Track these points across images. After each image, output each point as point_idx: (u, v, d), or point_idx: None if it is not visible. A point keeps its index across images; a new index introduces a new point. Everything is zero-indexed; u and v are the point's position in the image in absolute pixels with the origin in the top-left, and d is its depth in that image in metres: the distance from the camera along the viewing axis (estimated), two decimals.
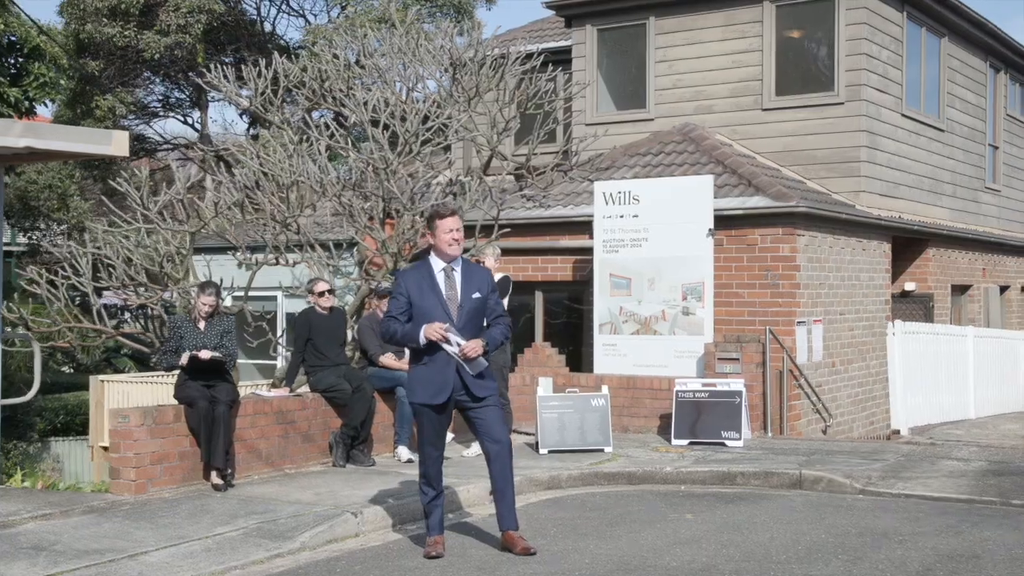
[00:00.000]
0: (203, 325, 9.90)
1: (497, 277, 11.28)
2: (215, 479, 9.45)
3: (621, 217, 13.37)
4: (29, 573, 6.74)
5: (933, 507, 8.81)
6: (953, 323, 17.92)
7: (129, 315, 24.63)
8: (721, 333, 13.20)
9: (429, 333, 6.99)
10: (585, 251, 14.60)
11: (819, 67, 15.99)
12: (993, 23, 19.31)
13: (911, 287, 17.00)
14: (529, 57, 15.45)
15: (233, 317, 10.51)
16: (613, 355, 13.44)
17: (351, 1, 30.34)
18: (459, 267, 7.16)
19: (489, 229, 13.87)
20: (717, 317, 13.20)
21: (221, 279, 12.44)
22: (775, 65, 16.01)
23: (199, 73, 29.22)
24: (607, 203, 13.46)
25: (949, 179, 18.66)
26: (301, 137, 14.10)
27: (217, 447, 9.44)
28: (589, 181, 15.52)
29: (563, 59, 17.79)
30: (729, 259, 13.58)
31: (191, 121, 34.20)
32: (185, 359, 9.58)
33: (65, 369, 28.96)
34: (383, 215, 13.59)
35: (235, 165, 15.22)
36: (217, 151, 17.46)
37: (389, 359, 11.27)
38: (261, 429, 10.24)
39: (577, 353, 15.23)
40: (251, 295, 14.16)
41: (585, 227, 14.65)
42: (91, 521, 8.25)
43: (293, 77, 15.40)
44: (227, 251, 17.78)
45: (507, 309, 10.82)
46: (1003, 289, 21.03)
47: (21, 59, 17.94)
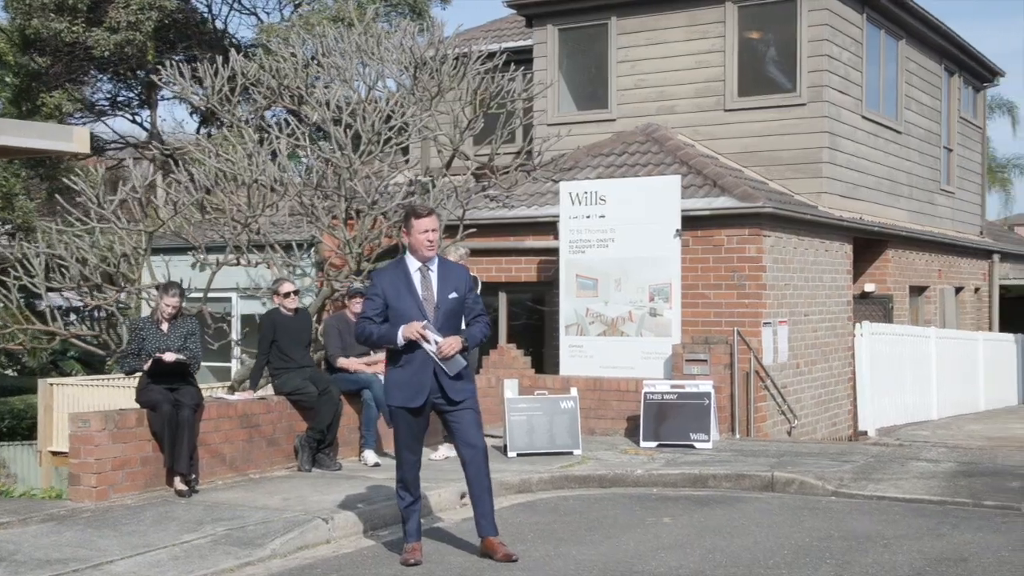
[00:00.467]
0: (166, 327, 9.63)
1: None
2: (179, 485, 9.19)
3: (587, 217, 13.26)
4: None
5: (908, 509, 8.77)
6: (911, 324, 18.03)
7: (76, 317, 24.17)
8: (687, 334, 13.14)
9: (407, 333, 6.82)
10: (550, 252, 14.49)
11: (781, 68, 16.00)
12: (948, 26, 19.49)
13: (871, 288, 17.08)
14: (492, 56, 15.33)
15: (195, 319, 10.23)
16: (579, 356, 13.32)
17: (305, 0, 30.04)
18: (435, 267, 7.00)
19: (454, 229, 13.70)
20: (683, 318, 13.13)
21: (181, 279, 12.14)
22: (738, 66, 16.00)
23: (153, 70, 28.84)
24: (573, 203, 13.34)
25: (906, 181, 18.79)
26: (261, 136, 13.86)
27: (181, 452, 9.19)
28: (553, 181, 15.41)
29: (523, 59, 17.68)
30: (695, 260, 13.52)
31: (140, 120, 33.70)
32: (148, 364, 9.31)
33: (9, 372, 28.36)
34: (345, 215, 13.38)
35: (190, 164, 14.91)
36: (174, 150, 17.11)
37: (347, 362, 11.06)
38: (225, 433, 10.00)
39: (539, 355, 15.10)
40: (196, 297, 13.86)
41: (550, 227, 14.53)
42: (51, 529, 7.98)
43: (251, 75, 15.16)
44: (182, 251, 17.48)
45: None
46: (958, 290, 21.22)
47: None
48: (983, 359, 18.77)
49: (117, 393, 17.05)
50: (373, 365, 10.95)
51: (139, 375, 9.59)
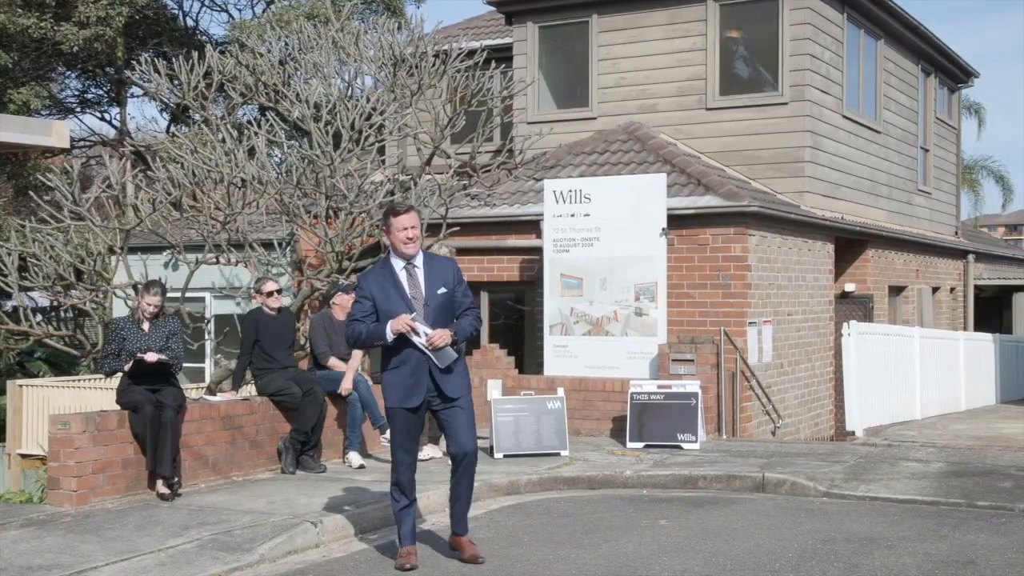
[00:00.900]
0: (147, 327, 9.42)
1: None
2: (161, 488, 8.98)
3: (572, 216, 13.13)
4: None
5: (903, 510, 8.70)
6: (889, 324, 18.01)
7: (42, 317, 23.75)
8: (672, 334, 13.03)
9: (396, 326, 6.70)
10: (532, 251, 14.35)
11: (763, 67, 15.93)
12: (926, 26, 19.51)
13: (851, 288, 17.04)
14: (472, 54, 15.17)
15: (177, 318, 10.01)
16: (564, 356, 13.18)
17: None
18: (421, 263, 6.89)
19: (437, 228, 13.54)
20: (668, 318, 13.01)
21: (160, 278, 11.89)
22: (719, 65, 15.92)
23: (123, 67, 28.45)
24: (558, 202, 13.20)
25: (886, 181, 18.80)
26: (240, 132, 13.63)
27: (164, 454, 8.98)
28: (535, 180, 15.27)
29: (502, 57, 17.52)
30: (680, 259, 13.41)
31: (109, 118, 33.24)
32: (129, 365, 9.09)
33: None
34: (326, 213, 13.17)
35: (166, 162, 14.65)
36: (148, 147, 16.82)
37: (337, 361, 10.89)
38: (208, 435, 9.79)
39: (519, 355, 14.94)
40: (173, 297, 13.59)
41: (532, 226, 14.39)
42: (31, 535, 7.75)
43: (228, 71, 14.92)
44: (156, 250, 17.21)
45: None
46: (934, 290, 21.27)
47: None
48: (964, 359, 18.78)
49: (88, 394, 16.72)
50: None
51: (119, 376, 9.38)
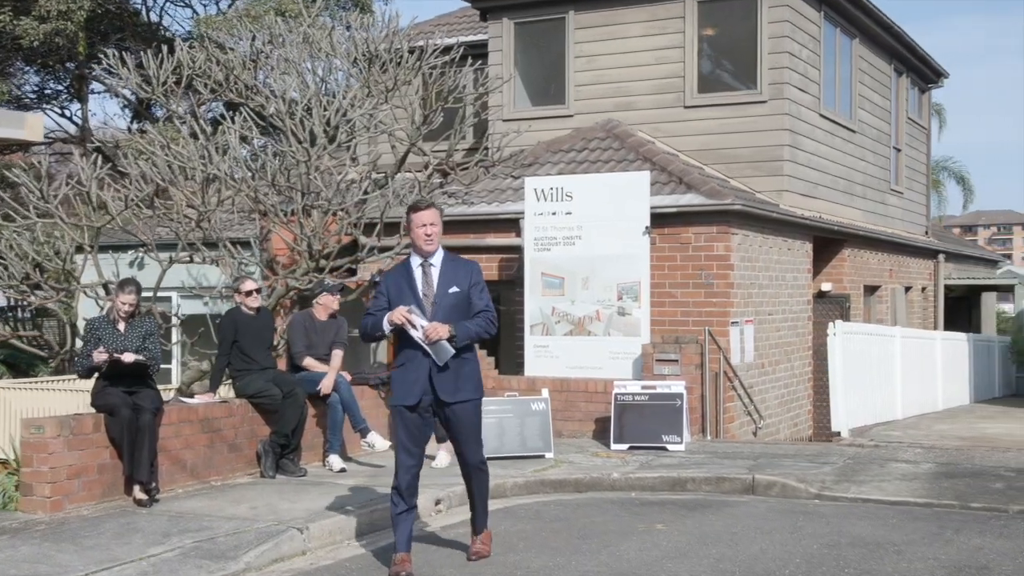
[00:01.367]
0: (123, 326, 9.11)
1: None
2: (138, 494, 8.67)
3: (553, 214, 12.93)
4: None
5: (899, 512, 8.58)
6: (863, 324, 17.97)
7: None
8: (654, 334, 12.86)
9: (392, 318, 6.65)
10: (511, 249, 14.15)
11: (741, 65, 15.80)
12: (899, 26, 19.51)
13: (827, 287, 16.98)
14: (448, 50, 14.93)
15: (154, 318, 9.70)
16: (545, 356, 12.98)
17: None
18: (438, 262, 6.85)
19: None
20: (650, 317, 12.84)
21: (137, 281, 11.54)
22: (697, 62, 15.79)
23: (85, 62, 27.91)
24: (539, 200, 12.99)
25: (861, 180, 18.77)
26: (214, 128, 13.31)
27: (141, 459, 8.68)
28: (513, 178, 15.08)
29: (476, 54, 17.27)
30: (662, 258, 13.25)
31: (70, 114, 32.62)
32: (102, 356, 8.76)
33: None
34: (301, 210, 12.88)
35: (133, 158, 14.29)
36: (118, 143, 16.43)
37: (313, 362, 10.63)
38: (186, 438, 9.49)
39: (495, 355, 14.70)
40: (144, 296, 13.23)
41: (511, 224, 14.18)
42: (4, 544, 7.43)
43: (199, 65, 14.58)
44: (121, 248, 16.83)
45: None
46: (907, 290, 21.29)
47: None
48: (941, 358, 18.80)
49: (51, 396, 16.32)
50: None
51: (95, 378, 9.07)
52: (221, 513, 8.32)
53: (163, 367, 17.09)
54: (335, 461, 10.41)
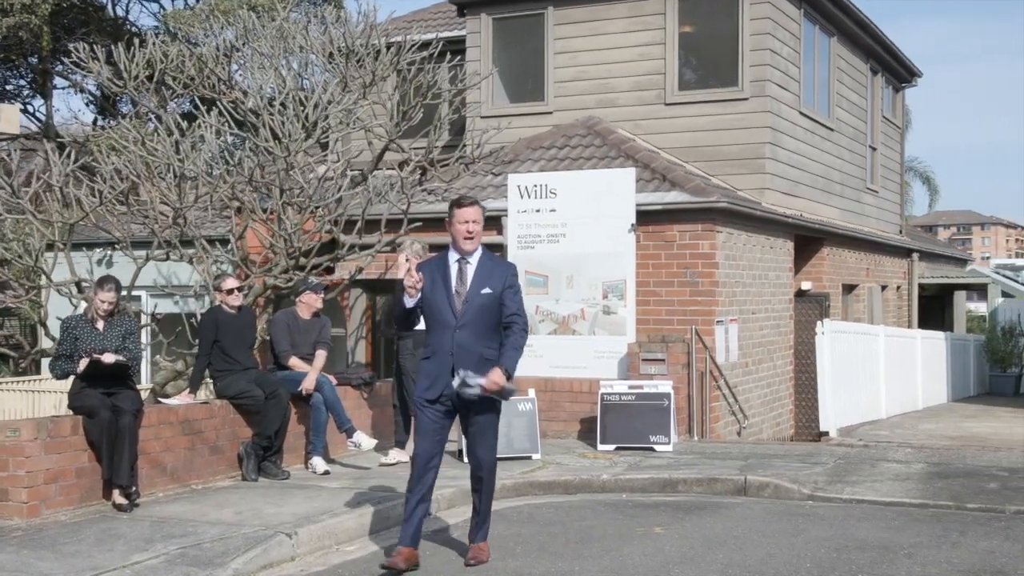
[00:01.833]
0: (102, 325, 8.83)
1: None
2: (118, 498, 8.39)
3: (537, 211, 12.73)
4: None
5: (898, 513, 8.46)
6: (843, 323, 17.92)
7: None
8: (638, 333, 12.69)
9: (407, 283, 6.64)
10: (493, 247, 13.90)
11: (723, 62, 15.66)
12: (876, 24, 19.48)
13: (807, 286, 16.89)
14: (426, 46, 14.69)
15: (133, 317, 9.41)
16: (529, 356, 12.65)
17: None
18: (475, 261, 6.77)
19: (397, 223, 13.06)
20: (635, 316, 12.67)
21: (116, 278, 11.22)
22: (679, 59, 15.64)
23: (53, 55, 27.40)
24: (522, 197, 12.79)
25: (838, 179, 18.71)
26: (189, 123, 12.99)
27: (121, 462, 8.40)
28: (493, 175, 14.88)
29: (455, 49, 17.02)
30: (646, 256, 13.09)
31: (32, 110, 32.02)
32: (83, 364, 8.50)
33: None
34: (281, 208, 12.59)
35: (105, 154, 13.94)
36: (89, 137, 16.04)
37: (298, 362, 10.38)
38: (166, 441, 9.22)
39: None
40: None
41: (492, 222, 13.89)
42: None
43: (172, 58, 14.25)
44: (88, 246, 16.46)
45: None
46: (883, 288, 21.28)
47: None
48: (921, 357, 18.78)
49: (15, 397, 15.97)
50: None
51: (72, 379, 8.78)
52: (205, 518, 8.07)
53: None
54: (318, 463, 10.17)
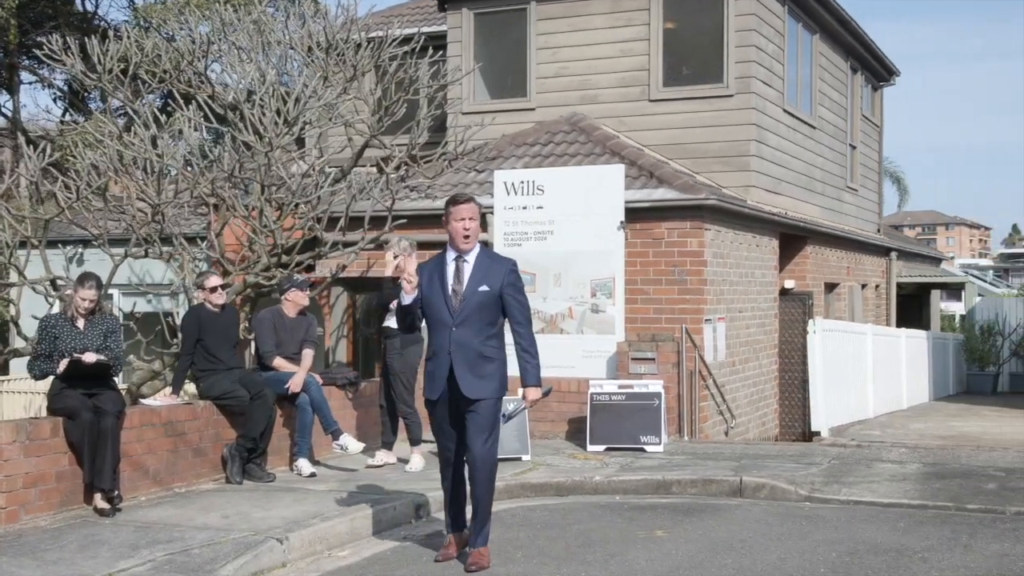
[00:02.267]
0: (82, 324, 8.54)
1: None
2: (100, 503, 8.12)
3: (524, 208, 12.52)
4: None
5: (900, 515, 8.32)
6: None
7: None
8: (627, 332, 12.50)
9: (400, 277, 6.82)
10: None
11: (708, 58, 15.49)
12: (857, 23, 19.41)
13: (790, 285, 16.77)
14: (408, 40, 14.44)
15: (116, 316, 9.12)
16: (515, 355, 12.53)
17: None
18: (472, 259, 6.76)
19: (382, 221, 12.81)
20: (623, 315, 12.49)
21: (97, 275, 10.90)
22: (663, 55, 15.45)
23: (16, 50, 26.91)
24: (509, 193, 12.58)
25: (820, 177, 18.62)
26: (163, 119, 12.69)
27: (104, 465, 8.13)
28: (476, 171, 14.66)
29: (435, 45, 16.77)
30: (634, 254, 12.89)
31: None
32: (64, 364, 8.21)
33: None
34: (262, 204, 12.30)
35: (79, 148, 13.60)
36: (62, 132, 15.66)
37: (282, 362, 10.12)
38: (148, 443, 8.94)
39: None
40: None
41: None
42: None
43: (146, 52, 13.92)
44: (60, 244, 16.11)
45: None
46: (862, 287, 21.23)
47: None
48: (905, 356, 18.72)
49: None
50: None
51: (52, 379, 8.49)
52: (191, 523, 7.81)
53: None
54: (304, 465, 9.92)
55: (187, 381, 10.01)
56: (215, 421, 9.59)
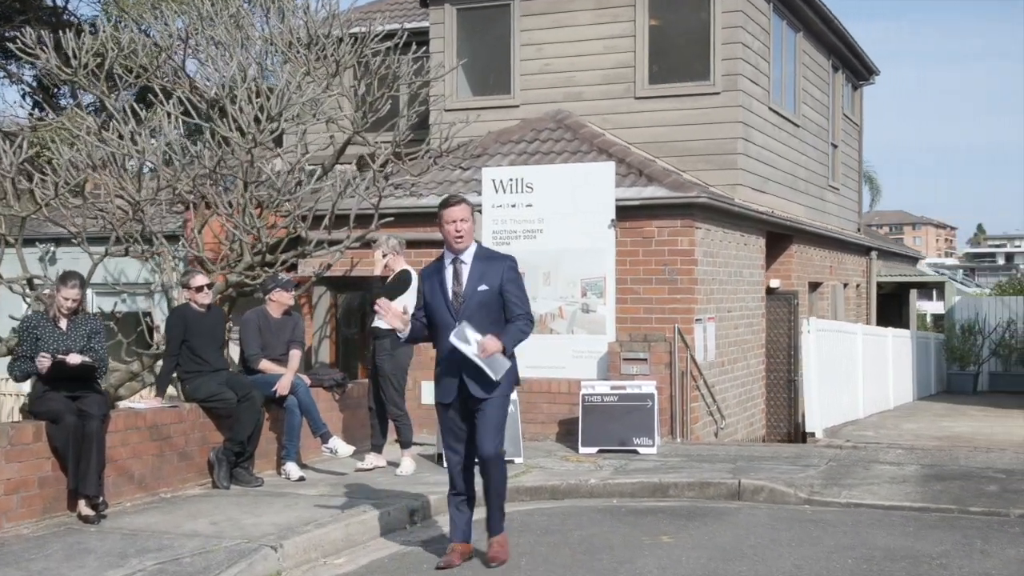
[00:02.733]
0: (65, 324, 8.26)
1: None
2: (85, 510, 7.84)
3: (513, 206, 12.32)
4: None
5: (905, 518, 8.18)
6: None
7: None
8: (617, 332, 12.32)
9: (394, 323, 6.76)
10: None
11: (694, 55, 15.33)
12: (840, 21, 19.33)
13: (775, 284, 16.65)
14: (391, 36, 14.20)
15: (99, 316, 8.84)
16: None
17: None
18: (469, 259, 6.72)
19: (368, 219, 12.56)
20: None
21: (80, 273, 10.58)
22: (649, 52, 15.28)
23: (3, 39, 26.35)
24: (497, 191, 12.37)
25: (804, 176, 18.51)
26: (146, 113, 12.38)
27: (88, 471, 7.84)
28: (462, 169, 14.45)
29: (419, 41, 16.50)
30: (624, 252, 12.71)
31: None
32: (46, 364, 7.91)
33: None
34: (244, 202, 12.02)
35: (56, 144, 13.26)
36: (35, 127, 15.29)
37: (269, 364, 9.87)
38: (134, 447, 8.67)
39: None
40: (51, 295, 12.22)
41: None
42: None
43: (124, 46, 13.60)
44: (28, 242, 15.73)
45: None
46: (844, 286, 21.16)
47: None
48: (892, 356, 18.65)
49: None
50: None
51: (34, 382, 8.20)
52: (180, 530, 7.55)
53: None
54: (292, 469, 9.68)
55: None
56: (201, 424, 9.32)
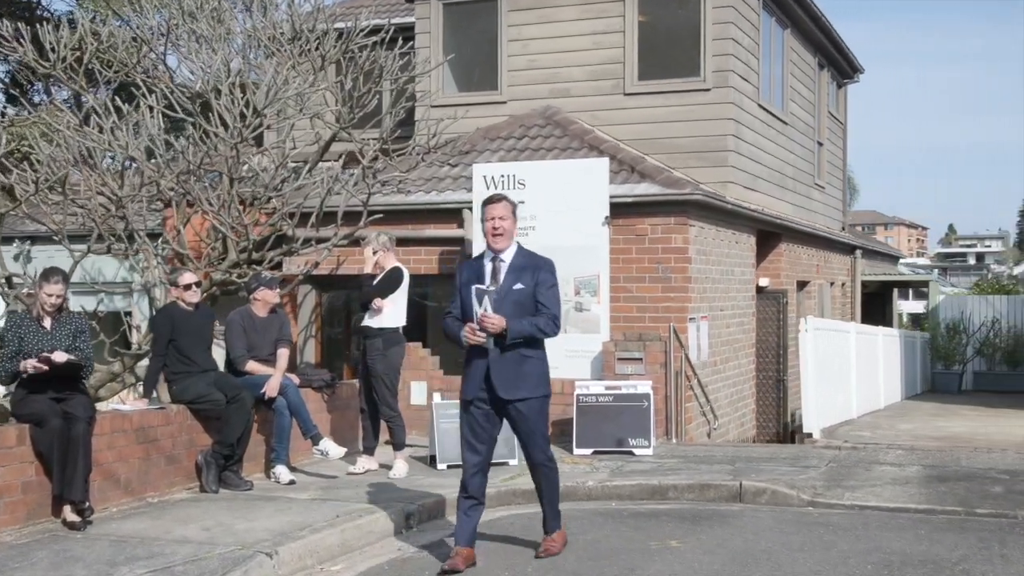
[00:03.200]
0: (49, 323, 7.98)
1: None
2: (70, 515, 7.56)
3: None
4: None
5: (913, 520, 8.03)
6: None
7: None
8: (611, 331, 12.12)
9: (469, 338, 6.56)
10: (453, 241, 13.27)
11: (684, 52, 15.15)
12: (826, 18, 19.21)
13: (765, 283, 16.50)
14: (376, 31, 13.94)
15: (83, 314, 8.56)
16: None
17: None
18: (508, 258, 6.71)
19: (357, 216, 12.31)
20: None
21: (63, 269, 10.27)
22: (638, 48, 15.08)
23: None
24: (488, 188, 12.13)
25: (791, 174, 18.38)
26: (125, 109, 12.06)
27: (75, 475, 7.57)
28: (450, 165, 14.22)
29: (406, 36, 16.24)
30: (617, 250, 12.50)
31: None
32: (31, 364, 7.63)
33: None
34: (231, 198, 11.74)
35: (34, 140, 12.94)
36: (12, 123, 14.94)
37: (256, 365, 9.60)
38: (120, 450, 8.39)
39: (440, 354, 13.77)
40: (29, 293, 11.93)
41: (452, 215, 13.30)
42: None
43: (103, 40, 13.30)
44: (8, 240, 15.41)
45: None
46: (830, 285, 21.06)
47: None
48: (882, 355, 18.55)
49: None
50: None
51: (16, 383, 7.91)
52: (170, 536, 7.29)
53: None
54: (282, 472, 9.42)
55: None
56: (189, 426, 9.06)
